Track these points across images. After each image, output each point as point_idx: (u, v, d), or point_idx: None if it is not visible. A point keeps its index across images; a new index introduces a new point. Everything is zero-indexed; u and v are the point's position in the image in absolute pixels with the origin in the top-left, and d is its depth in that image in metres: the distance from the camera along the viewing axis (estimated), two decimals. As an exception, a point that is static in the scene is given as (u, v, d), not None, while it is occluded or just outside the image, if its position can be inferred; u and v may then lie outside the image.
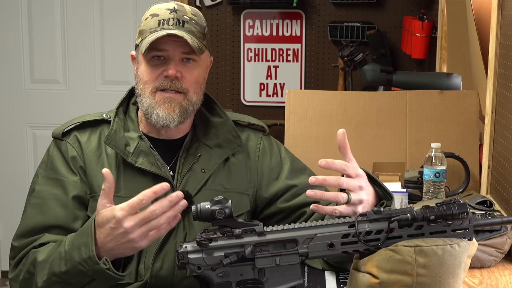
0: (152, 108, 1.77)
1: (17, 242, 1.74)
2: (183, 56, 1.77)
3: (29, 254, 1.69)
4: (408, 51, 4.03)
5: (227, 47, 4.31)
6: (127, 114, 1.88)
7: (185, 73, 1.78)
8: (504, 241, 1.96)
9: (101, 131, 1.83)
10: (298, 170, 1.96)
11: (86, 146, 1.81)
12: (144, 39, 1.77)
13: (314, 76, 4.31)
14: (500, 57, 2.34)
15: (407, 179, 2.53)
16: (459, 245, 1.40)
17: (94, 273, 1.55)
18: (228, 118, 1.91)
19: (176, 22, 1.76)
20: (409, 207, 1.45)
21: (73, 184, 1.76)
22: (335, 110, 2.75)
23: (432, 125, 2.72)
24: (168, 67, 1.76)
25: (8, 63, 4.40)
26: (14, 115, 4.45)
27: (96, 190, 1.76)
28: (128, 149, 1.79)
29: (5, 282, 4.44)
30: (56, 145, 1.83)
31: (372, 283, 1.42)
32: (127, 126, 1.84)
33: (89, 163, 1.79)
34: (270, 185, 1.92)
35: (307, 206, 1.85)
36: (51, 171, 1.79)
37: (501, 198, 2.28)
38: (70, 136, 1.82)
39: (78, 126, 1.84)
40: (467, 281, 1.83)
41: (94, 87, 4.38)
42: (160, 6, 1.81)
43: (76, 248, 1.56)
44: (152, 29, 1.77)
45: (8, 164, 4.44)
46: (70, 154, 1.79)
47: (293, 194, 1.90)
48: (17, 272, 1.70)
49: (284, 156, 1.97)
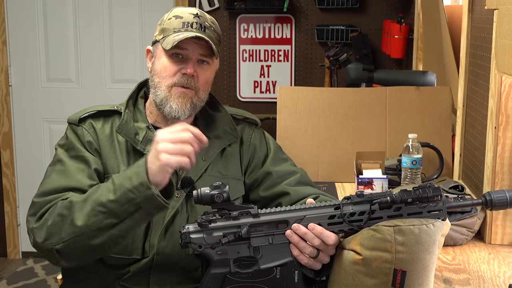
0: (167, 100, 1.78)
1: (39, 199, 1.69)
2: (200, 57, 1.78)
3: (57, 204, 1.64)
4: (387, 51, 4.02)
5: (224, 49, 4.30)
6: (136, 106, 1.88)
7: (199, 73, 1.79)
8: (474, 222, 1.97)
9: (113, 121, 1.83)
10: (280, 159, 1.95)
11: (101, 133, 1.80)
12: (167, 36, 1.77)
13: (303, 74, 4.30)
14: (470, 56, 2.35)
15: (387, 166, 2.53)
16: (433, 225, 1.40)
17: (143, 199, 1.54)
18: (226, 113, 1.91)
19: (199, 27, 1.77)
20: (389, 191, 1.46)
21: (94, 160, 1.76)
22: (322, 104, 2.75)
23: (409, 117, 2.72)
24: (186, 65, 1.77)
25: (26, 65, 4.40)
26: (32, 111, 4.45)
27: (109, 171, 1.76)
28: (138, 137, 1.79)
29: (25, 261, 4.44)
30: (72, 129, 1.82)
31: (355, 259, 1.42)
32: (136, 117, 1.84)
33: (104, 148, 1.79)
34: (254, 171, 1.92)
35: (282, 196, 1.86)
36: (72, 150, 1.77)
37: (471, 183, 2.29)
38: (85, 123, 1.81)
39: (92, 115, 1.83)
40: (441, 257, 1.84)
41: (104, 85, 4.38)
42: (183, 9, 1.82)
43: (127, 178, 1.57)
44: (176, 29, 1.77)
45: (27, 155, 4.45)
46: (87, 138, 1.78)
47: (272, 183, 1.88)
48: (43, 221, 1.63)
49: (271, 146, 1.96)
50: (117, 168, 1.77)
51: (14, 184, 4.49)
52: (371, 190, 2.45)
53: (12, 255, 4.55)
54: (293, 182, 1.88)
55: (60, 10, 4.33)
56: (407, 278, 1.39)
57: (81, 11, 4.32)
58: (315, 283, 1.64)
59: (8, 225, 4.52)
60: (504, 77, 1.92)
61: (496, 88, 1.94)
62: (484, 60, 2.14)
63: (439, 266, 1.78)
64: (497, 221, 1.98)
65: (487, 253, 1.90)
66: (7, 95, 4.40)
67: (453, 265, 1.80)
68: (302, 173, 1.92)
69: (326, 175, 2.72)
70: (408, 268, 1.39)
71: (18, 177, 4.50)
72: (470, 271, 1.75)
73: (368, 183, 2.45)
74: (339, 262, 1.47)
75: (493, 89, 1.97)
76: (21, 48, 4.38)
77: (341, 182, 2.70)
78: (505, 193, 1.43)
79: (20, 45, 4.38)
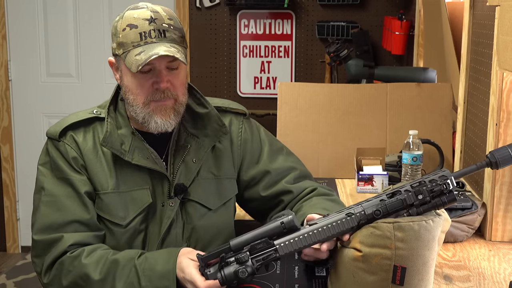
0: (149, 117, 1.69)
1: (38, 236, 1.66)
2: (169, 65, 1.67)
3: (64, 260, 1.62)
4: (388, 47, 4.02)
5: (224, 44, 4.29)
6: (117, 110, 1.78)
7: (173, 81, 1.68)
8: (475, 218, 1.97)
9: (94, 129, 1.75)
10: (276, 151, 1.91)
11: (84, 146, 1.72)
12: (127, 52, 1.64)
13: (303, 70, 4.30)
14: (472, 53, 2.34)
15: (387, 163, 2.53)
16: (433, 221, 1.40)
17: None
18: (212, 108, 1.81)
19: (158, 34, 1.63)
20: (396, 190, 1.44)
21: (81, 182, 1.69)
22: (322, 100, 2.75)
23: (410, 114, 2.72)
24: (157, 79, 1.66)
25: (26, 59, 4.40)
26: (31, 106, 4.45)
27: (98, 189, 1.71)
28: (124, 147, 1.71)
29: (24, 256, 4.44)
30: (54, 145, 1.73)
31: (355, 256, 1.42)
32: (119, 124, 1.76)
33: (89, 162, 1.71)
34: (250, 168, 1.88)
35: (284, 194, 1.84)
36: (57, 171, 1.70)
37: (472, 179, 2.29)
38: (66, 137, 1.72)
39: (71, 126, 1.74)
40: (441, 254, 1.84)
41: (104, 80, 4.38)
42: (135, 15, 1.66)
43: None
44: (135, 43, 1.63)
45: (26, 150, 4.45)
46: (71, 155, 1.70)
47: (272, 181, 1.86)
48: (53, 278, 1.64)
49: (264, 138, 1.92)
50: (105, 182, 1.71)
51: (14, 179, 4.49)
52: (371, 186, 2.45)
53: (11, 250, 4.55)
54: (292, 179, 1.87)
55: (60, 4, 4.32)
56: (407, 275, 1.39)
57: (81, 5, 4.31)
58: (315, 279, 1.64)
59: (8, 219, 4.52)
60: (505, 74, 1.91)
61: (498, 85, 1.94)
62: (485, 57, 2.14)
63: (439, 262, 1.78)
64: (497, 218, 1.98)
65: (487, 250, 1.90)
66: (7, 89, 4.39)
67: (453, 261, 1.80)
68: (299, 167, 1.91)
69: (327, 171, 2.72)
70: (408, 265, 1.39)
71: (18, 171, 4.51)
72: (470, 268, 1.75)
73: (368, 179, 2.45)
74: (340, 259, 1.47)
75: (495, 85, 1.97)
76: (21, 42, 4.37)
77: (341, 178, 2.69)
78: (507, 149, 1.43)
79: (20, 40, 4.37)
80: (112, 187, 1.71)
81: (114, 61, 1.75)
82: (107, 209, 1.71)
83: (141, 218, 1.73)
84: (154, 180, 1.74)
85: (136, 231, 1.73)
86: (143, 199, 1.72)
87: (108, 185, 1.71)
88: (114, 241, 1.72)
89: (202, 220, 1.79)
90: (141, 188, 1.73)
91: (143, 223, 1.74)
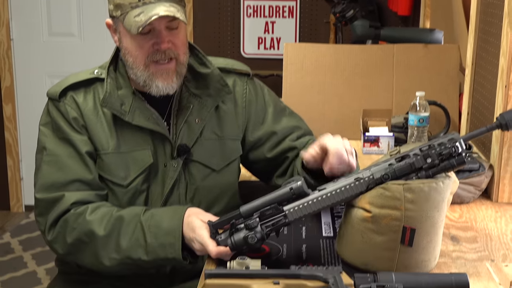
0: (150, 80, 1.67)
1: (40, 195, 1.67)
2: (168, 25, 1.64)
3: (68, 217, 1.63)
4: (394, 8, 3.97)
5: (228, 4, 4.25)
6: (117, 70, 1.76)
7: (174, 40, 1.66)
8: (482, 180, 1.97)
9: (94, 90, 1.73)
10: (280, 111, 1.90)
11: (84, 106, 1.71)
12: (126, 14, 1.62)
13: (307, 31, 4.26)
14: (481, 14, 2.31)
15: (393, 124, 2.52)
16: (443, 182, 1.40)
17: (174, 264, 1.59)
18: (214, 68, 1.79)
19: None
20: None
21: (82, 142, 1.69)
22: (328, 61, 2.73)
23: (416, 75, 2.70)
24: (158, 40, 1.64)
25: (27, 18, 4.36)
26: (33, 66, 4.42)
27: (98, 149, 1.70)
28: (124, 108, 1.70)
29: (28, 215, 4.47)
30: (54, 106, 1.72)
31: (365, 217, 1.42)
32: (119, 84, 1.73)
33: (89, 123, 1.70)
34: (256, 129, 1.87)
35: (289, 151, 1.84)
36: (58, 131, 1.70)
37: (479, 141, 2.28)
38: (66, 97, 1.71)
39: (72, 86, 1.73)
40: (448, 215, 1.84)
41: (107, 39, 4.33)
42: None
43: (161, 245, 1.55)
44: (133, 4, 1.61)
45: (29, 109, 4.44)
46: (71, 115, 1.69)
47: (277, 141, 1.86)
48: (57, 235, 1.64)
49: (268, 99, 1.91)
50: (106, 143, 1.70)
51: (17, 138, 4.49)
52: (377, 147, 2.44)
53: (15, 209, 4.57)
54: (296, 137, 1.87)
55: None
56: (416, 236, 1.39)
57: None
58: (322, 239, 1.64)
59: (11, 178, 4.53)
60: (516, 35, 1.89)
61: (508, 47, 1.92)
62: (496, 18, 2.11)
63: (446, 223, 1.78)
64: (504, 179, 1.98)
65: (494, 211, 1.91)
66: (9, 49, 4.36)
67: (460, 222, 1.81)
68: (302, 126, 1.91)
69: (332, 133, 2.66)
70: (417, 226, 1.39)
71: (21, 131, 4.50)
72: (477, 229, 1.76)
73: (374, 140, 2.45)
74: (348, 219, 1.47)
75: (505, 47, 1.95)
76: (22, 1, 4.32)
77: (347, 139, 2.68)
78: None
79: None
80: (112, 148, 1.71)
81: (112, 23, 1.74)
82: (108, 169, 1.71)
83: (142, 178, 1.73)
84: (155, 140, 1.74)
85: (137, 191, 1.73)
86: (144, 160, 1.72)
87: (108, 145, 1.71)
88: (116, 201, 1.72)
89: (206, 180, 1.79)
90: (142, 149, 1.73)
91: (145, 183, 1.74)
